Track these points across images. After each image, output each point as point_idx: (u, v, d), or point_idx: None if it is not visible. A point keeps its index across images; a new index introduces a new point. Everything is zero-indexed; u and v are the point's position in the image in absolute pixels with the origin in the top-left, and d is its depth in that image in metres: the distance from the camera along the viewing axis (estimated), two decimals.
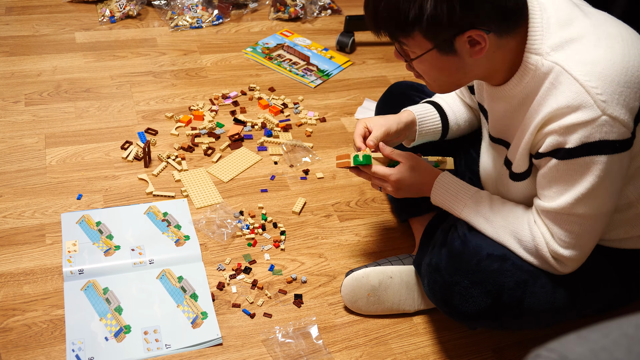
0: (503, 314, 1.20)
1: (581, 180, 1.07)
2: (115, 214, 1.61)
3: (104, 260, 1.48)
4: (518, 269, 1.18)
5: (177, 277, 1.47)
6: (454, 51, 1.09)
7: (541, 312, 1.20)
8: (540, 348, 0.59)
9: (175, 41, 2.30)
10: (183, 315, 1.40)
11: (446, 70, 1.13)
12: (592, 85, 1.01)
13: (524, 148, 1.15)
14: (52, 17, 2.35)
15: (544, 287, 1.19)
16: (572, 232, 1.12)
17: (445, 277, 1.23)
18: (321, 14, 2.58)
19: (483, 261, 1.19)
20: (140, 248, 1.52)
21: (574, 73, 1.03)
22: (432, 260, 1.27)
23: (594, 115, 1.01)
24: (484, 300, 1.18)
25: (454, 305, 1.22)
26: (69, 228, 1.56)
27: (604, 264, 1.24)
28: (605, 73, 1.02)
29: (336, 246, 1.62)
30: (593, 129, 1.02)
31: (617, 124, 1.01)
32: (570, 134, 1.04)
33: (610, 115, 1.01)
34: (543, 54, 1.07)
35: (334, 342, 1.40)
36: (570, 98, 1.03)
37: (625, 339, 0.58)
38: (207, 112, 1.96)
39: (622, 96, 1.01)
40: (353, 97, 2.14)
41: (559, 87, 1.04)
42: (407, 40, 1.10)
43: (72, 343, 1.32)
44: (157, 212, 1.62)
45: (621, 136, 1.02)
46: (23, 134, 1.83)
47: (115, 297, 1.42)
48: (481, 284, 1.18)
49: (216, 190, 1.72)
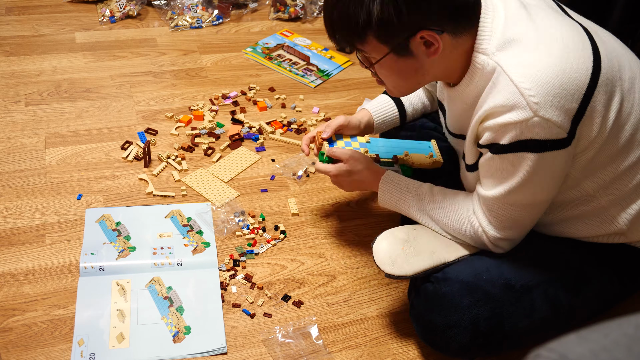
0: (488, 342, 1.22)
1: (513, 173, 1.13)
2: (137, 214, 1.61)
3: (121, 260, 1.48)
4: (489, 295, 1.21)
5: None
6: (411, 53, 1.12)
7: (524, 329, 1.22)
8: (540, 348, 0.59)
9: (175, 41, 2.30)
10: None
11: (405, 72, 1.17)
12: (526, 87, 1.05)
13: (469, 141, 1.21)
14: (52, 17, 2.35)
15: (520, 304, 1.21)
16: (507, 217, 1.20)
17: (424, 326, 1.28)
18: (321, 14, 2.58)
19: (454, 300, 1.22)
20: (161, 249, 1.52)
21: (510, 74, 1.07)
22: (411, 311, 1.33)
23: (525, 116, 1.05)
24: (463, 336, 1.22)
25: (439, 347, 1.28)
26: (90, 224, 1.56)
27: (583, 260, 1.26)
28: (540, 75, 1.05)
29: (336, 246, 1.62)
30: (525, 129, 1.07)
31: (550, 124, 1.06)
32: (504, 131, 1.09)
33: (542, 117, 1.05)
34: (489, 54, 1.11)
35: (334, 342, 1.40)
36: (505, 98, 1.07)
37: (625, 339, 0.58)
38: (207, 112, 1.96)
39: (557, 98, 1.05)
40: (353, 97, 2.14)
41: (497, 86, 1.09)
42: (364, 46, 1.13)
43: (77, 339, 1.32)
44: (181, 216, 1.62)
45: (554, 136, 1.07)
46: (23, 134, 1.83)
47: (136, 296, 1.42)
48: (456, 324, 1.22)
49: (228, 186, 1.72)
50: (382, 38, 1.10)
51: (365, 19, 1.07)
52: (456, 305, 1.22)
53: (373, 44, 1.12)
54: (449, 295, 1.22)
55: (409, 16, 1.06)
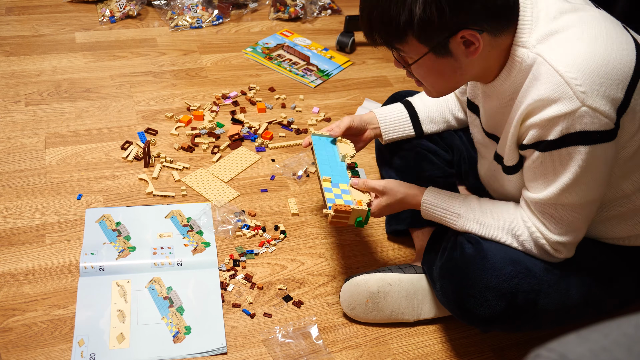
0: (517, 316, 1.20)
1: (564, 171, 1.09)
2: (137, 214, 1.60)
3: (121, 260, 1.48)
4: (530, 271, 1.19)
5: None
6: (450, 53, 1.10)
7: (554, 312, 1.21)
8: (540, 348, 0.59)
9: (175, 41, 2.30)
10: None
11: (444, 72, 1.15)
12: (572, 77, 1.03)
13: (511, 141, 1.17)
14: (52, 17, 2.35)
15: (558, 287, 1.20)
16: (562, 220, 1.15)
17: (458, 280, 1.23)
18: (321, 14, 2.58)
19: (496, 264, 1.19)
20: (161, 249, 1.52)
21: (554, 64, 1.05)
22: (444, 264, 1.28)
23: (573, 107, 1.03)
24: (499, 303, 1.19)
25: (468, 309, 1.22)
26: (90, 224, 1.56)
27: (615, 260, 1.25)
28: (586, 64, 1.03)
29: (336, 246, 1.62)
30: (573, 121, 1.04)
31: (598, 115, 1.03)
32: (551, 126, 1.06)
33: (590, 106, 1.02)
34: (529, 47, 1.09)
35: (334, 342, 1.40)
36: (550, 90, 1.04)
37: (625, 339, 0.58)
38: (207, 112, 1.96)
39: (603, 87, 1.03)
40: (353, 97, 2.14)
41: (540, 79, 1.06)
42: (403, 46, 1.12)
43: (77, 339, 1.32)
44: (181, 216, 1.62)
45: (602, 127, 1.04)
46: (23, 134, 1.83)
47: (136, 297, 1.42)
48: (495, 287, 1.19)
49: (228, 186, 1.72)
50: (422, 38, 1.09)
51: (407, 19, 1.06)
52: (499, 270, 1.18)
53: (412, 44, 1.10)
54: (492, 259, 1.20)
55: (452, 16, 1.04)
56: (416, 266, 1.45)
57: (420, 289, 1.42)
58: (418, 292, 1.43)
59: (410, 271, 1.44)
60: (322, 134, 1.49)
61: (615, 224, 1.23)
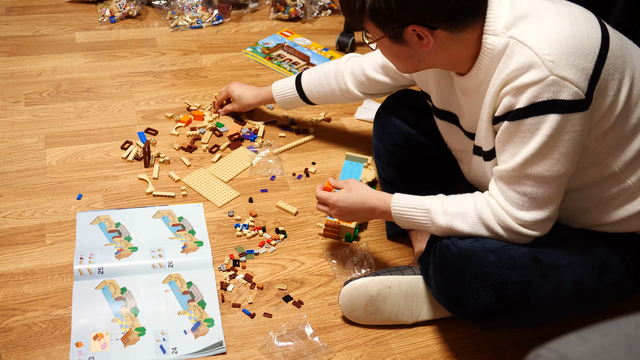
0: (510, 309, 1.20)
1: (531, 139, 1.11)
2: (129, 216, 1.60)
3: (121, 261, 1.48)
4: (517, 262, 1.19)
5: (187, 283, 1.46)
6: (404, 42, 1.16)
7: (547, 304, 1.21)
8: (540, 348, 0.59)
9: (175, 41, 2.30)
10: (189, 321, 1.39)
11: (400, 57, 1.22)
12: (541, 47, 1.06)
13: (486, 121, 1.19)
14: (52, 17, 2.35)
15: (548, 278, 1.20)
16: (525, 194, 1.15)
17: (449, 274, 1.24)
18: (321, 14, 2.58)
19: (478, 253, 1.20)
20: (159, 250, 1.51)
21: (525, 41, 1.08)
22: (437, 260, 1.28)
23: (542, 75, 1.06)
24: (489, 295, 1.19)
25: (461, 302, 1.22)
26: (84, 227, 1.55)
27: (606, 249, 1.26)
28: (553, 37, 1.07)
29: (336, 246, 1.62)
30: (541, 89, 1.06)
31: (567, 83, 1.05)
32: (521, 94, 1.08)
33: (558, 75, 1.05)
34: (499, 34, 1.12)
35: (334, 342, 1.40)
36: (521, 61, 1.08)
37: (625, 339, 0.58)
38: (207, 112, 1.96)
39: (572, 57, 1.06)
40: None
41: (513, 56, 1.10)
42: (366, 26, 1.20)
43: (75, 341, 1.32)
44: (172, 216, 1.62)
45: (571, 96, 1.06)
46: (23, 134, 1.83)
47: (133, 298, 1.42)
48: (483, 277, 1.19)
49: (228, 186, 1.72)
50: (377, 24, 1.16)
51: (360, 6, 1.14)
52: (481, 259, 1.19)
53: (371, 27, 1.18)
54: (474, 250, 1.20)
55: (399, 11, 1.10)
56: (415, 268, 1.46)
57: (419, 290, 1.43)
58: (417, 294, 1.43)
59: (409, 273, 1.44)
60: (355, 158, 1.78)
61: (608, 207, 1.23)
